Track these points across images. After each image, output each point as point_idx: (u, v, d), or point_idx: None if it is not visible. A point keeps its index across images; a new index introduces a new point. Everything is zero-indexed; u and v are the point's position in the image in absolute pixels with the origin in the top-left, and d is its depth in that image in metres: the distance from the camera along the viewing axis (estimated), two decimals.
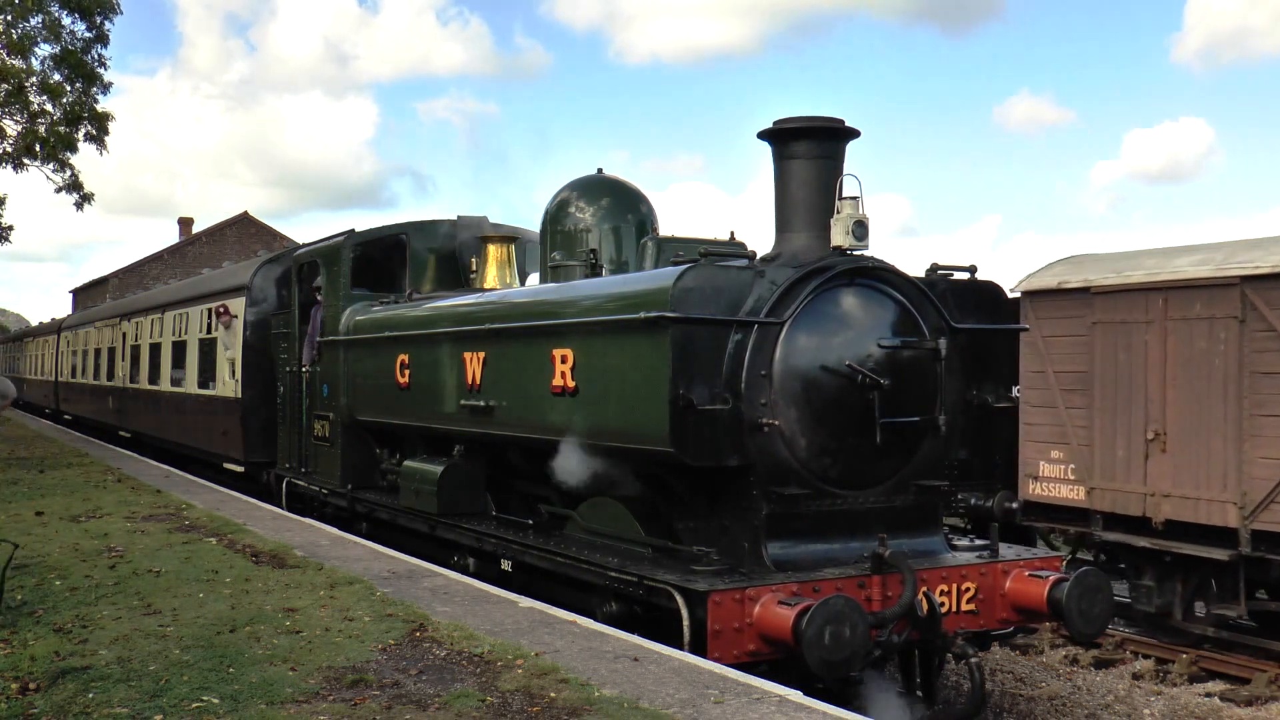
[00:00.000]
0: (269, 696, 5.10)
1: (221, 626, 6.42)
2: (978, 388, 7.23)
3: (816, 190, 6.86)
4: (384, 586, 7.55)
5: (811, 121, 6.84)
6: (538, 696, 5.06)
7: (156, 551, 9.00)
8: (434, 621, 6.51)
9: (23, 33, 19.14)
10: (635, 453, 6.66)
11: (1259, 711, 8.66)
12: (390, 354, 9.62)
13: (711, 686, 5.24)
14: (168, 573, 8.07)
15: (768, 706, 4.95)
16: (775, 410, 6.35)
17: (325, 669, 5.54)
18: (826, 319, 6.56)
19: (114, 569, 8.23)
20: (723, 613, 5.86)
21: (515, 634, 6.24)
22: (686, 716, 4.80)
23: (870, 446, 6.55)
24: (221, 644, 6.03)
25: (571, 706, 4.92)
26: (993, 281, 7.46)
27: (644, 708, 4.88)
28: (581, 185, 8.93)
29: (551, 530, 7.89)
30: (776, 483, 6.41)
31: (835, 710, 5.02)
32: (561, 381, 7.11)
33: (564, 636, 6.22)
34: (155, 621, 6.59)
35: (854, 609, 5.68)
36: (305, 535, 10.05)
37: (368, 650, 5.89)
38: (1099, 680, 9.49)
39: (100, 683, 5.33)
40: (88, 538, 9.73)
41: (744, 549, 6.43)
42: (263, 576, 7.92)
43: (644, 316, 6.23)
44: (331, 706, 4.96)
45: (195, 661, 5.69)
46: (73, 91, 19.88)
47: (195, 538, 9.73)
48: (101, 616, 6.74)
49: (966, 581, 6.66)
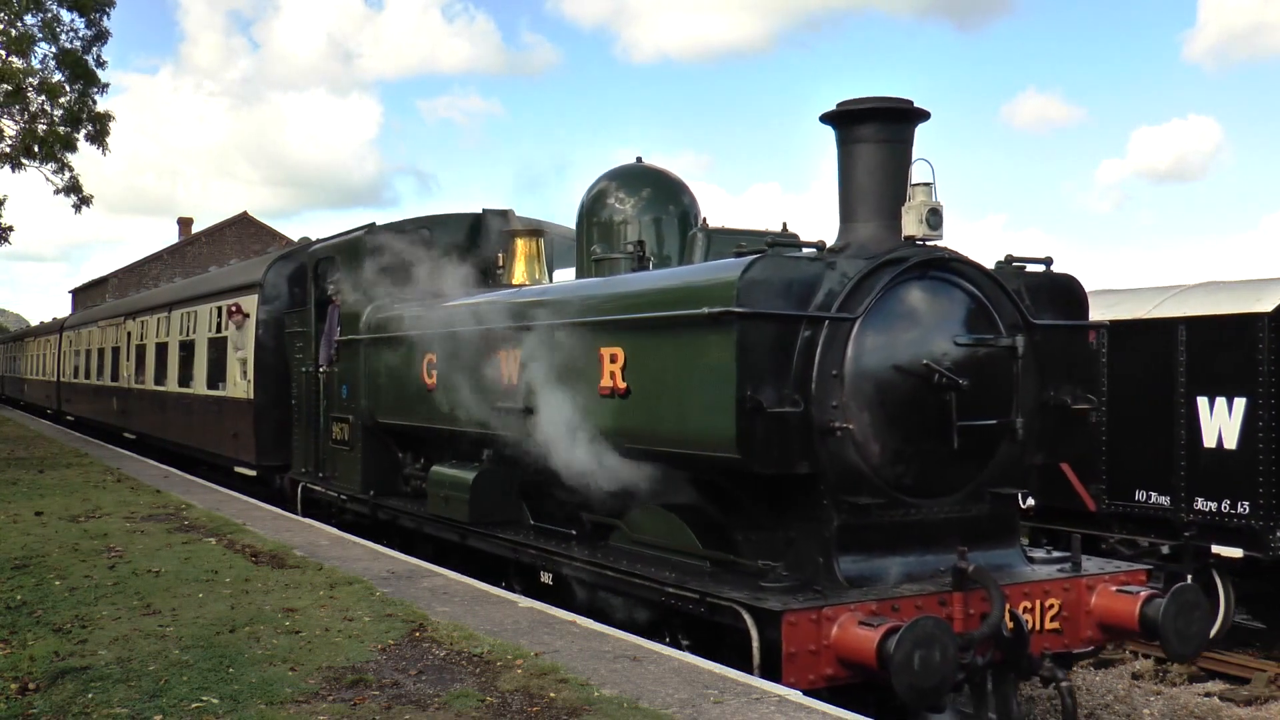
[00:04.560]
0: (269, 696, 5.09)
1: (221, 626, 6.39)
2: (1054, 388, 6.74)
3: (885, 176, 6.39)
4: (383, 586, 7.53)
5: (878, 102, 6.36)
6: (537, 696, 5.04)
7: (156, 552, 8.97)
8: (433, 621, 6.48)
9: (21, 31, 18.87)
10: (694, 459, 6.17)
11: (1259, 711, 8.52)
12: (416, 353, 9.13)
13: (711, 686, 5.19)
14: (167, 573, 8.04)
15: (767, 706, 4.90)
16: (847, 413, 5.87)
17: (325, 669, 5.52)
18: (899, 314, 6.08)
19: (113, 569, 8.20)
20: (798, 634, 5.38)
21: (515, 634, 6.20)
22: (686, 716, 4.76)
23: (946, 452, 6.07)
24: (221, 644, 6.00)
25: (571, 706, 4.90)
26: (1069, 275, 6.97)
27: (644, 708, 4.86)
28: (620, 175, 8.46)
29: (595, 541, 7.39)
30: (847, 491, 5.93)
31: (835, 710, 4.94)
32: (610, 382, 6.62)
33: (564, 636, 6.17)
34: (155, 621, 6.56)
35: (944, 631, 5.20)
36: (305, 535, 10.02)
37: (367, 650, 5.86)
38: (1099, 680, 9.36)
39: (100, 683, 5.31)
40: (87, 538, 9.69)
41: (814, 563, 5.95)
42: (262, 576, 7.90)
43: (708, 312, 5.74)
44: (331, 706, 4.94)
45: (195, 661, 5.67)
46: (72, 91, 19.67)
47: (195, 538, 9.70)
48: (101, 616, 6.70)
49: (1050, 598, 6.18)
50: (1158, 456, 9.30)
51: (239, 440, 13.92)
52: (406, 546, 9.48)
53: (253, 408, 13.35)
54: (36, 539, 9.65)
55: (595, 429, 6.74)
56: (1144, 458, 9.41)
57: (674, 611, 6.33)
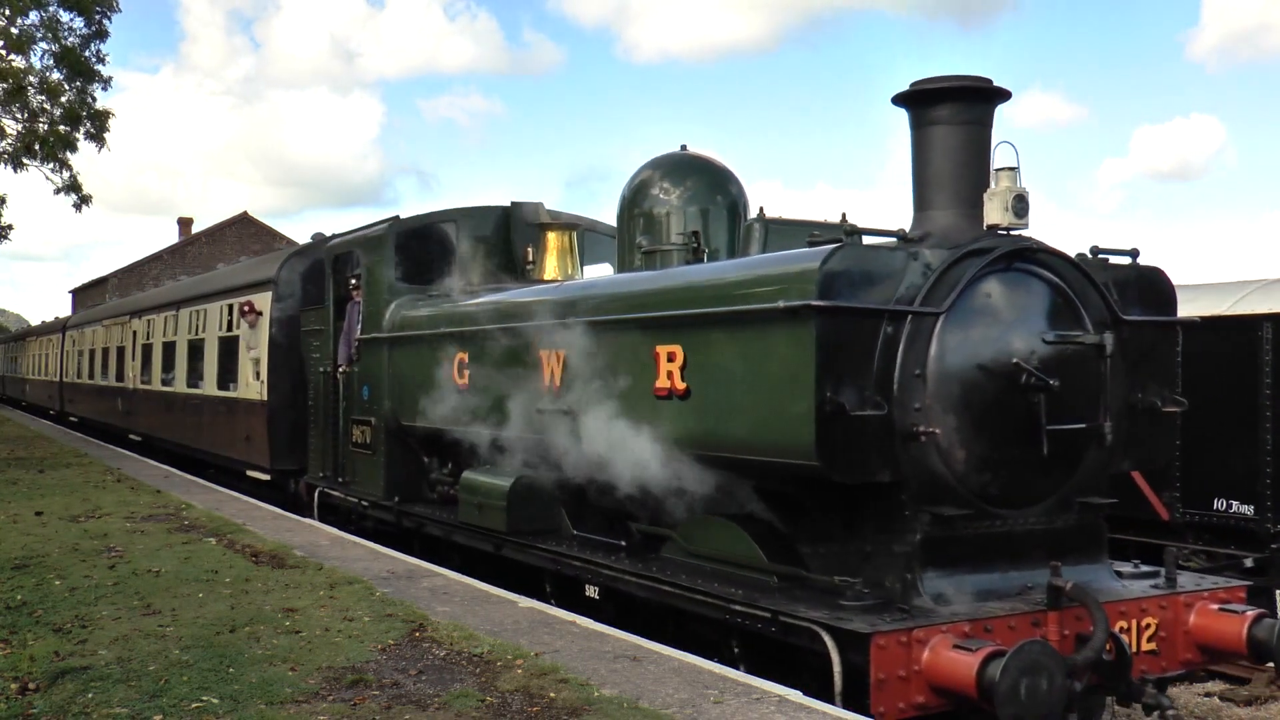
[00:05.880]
0: (269, 696, 5.06)
1: (221, 626, 6.37)
2: (1141, 389, 6.27)
3: (965, 160, 5.93)
4: (383, 586, 7.50)
5: (955, 80, 5.89)
6: (537, 696, 5.01)
7: (156, 551, 8.94)
8: (433, 621, 6.45)
9: (21, 30, 18.61)
10: (764, 466, 5.70)
11: (1259, 711, 8.26)
12: (447, 352, 8.65)
13: (711, 686, 5.15)
14: (167, 573, 8.00)
15: (767, 706, 4.86)
16: (930, 416, 5.40)
17: (325, 669, 5.49)
18: (983, 309, 5.62)
19: (113, 569, 8.17)
20: (888, 658, 4.91)
21: (515, 634, 6.18)
22: (686, 716, 4.73)
23: (1035, 458, 5.61)
24: (221, 644, 5.98)
25: (571, 706, 4.86)
26: (1156, 267, 6.50)
27: (644, 708, 4.83)
28: (664, 164, 7.97)
29: (645, 553, 6.90)
30: (930, 501, 5.46)
31: (835, 710, 4.88)
32: (668, 383, 6.15)
33: (564, 636, 6.15)
34: (155, 621, 6.53)
35: (1051, 656, 4.75)
36: (305, 535, 9.97)
37: (367, 650, 5.84)
38: None
39: (100, 683, 5.29)
40: (87, 538, 9.65)
41: (894, 579, 5.47)
42: (262, 576, 7.86)
43: (784, 306, 5.26)
44: (331, 706, 4.92)
45: (195, 661, 5.64)
46: (71, 89, 19.41)
47: (195, 538, 9.66)
48: (101, 616, 6.68)
49: (1146, 617, 5.71)
50: (1240, 462, 8.80)
51: (251, 443, 13.44)
52: (431, 555, 9.01)
53: (266, 409, 12.87)
54: (36, 539, 9.60)
55: (649, 433, 6.26)
56: (1224, 464, 8.91)
57: (732, 629, 5.87)
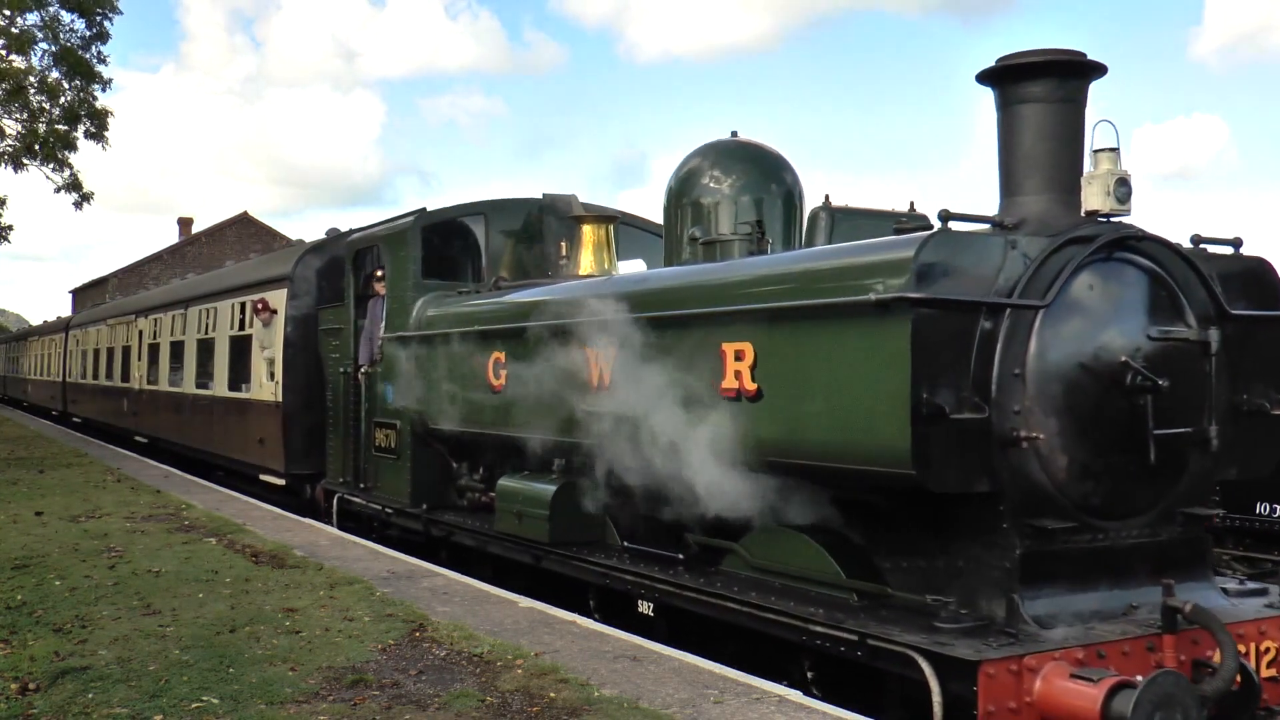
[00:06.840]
0: (269, 696, 5.05)
1: (221, 627, 6.36)
2: (1246, 390, 5.78)
3: (1059, 141, 5.43)
4: (384, 586, 7.49)
5: (1047, 55, 5.40)
6: (537, 696, 5.00)
7: (156, 552, 8.92)
8: (434, 621, 6.44)
9: (22, 30, 18.32)
10: (846, 474, 5.20)
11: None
12: (480, 352, 8.15)
13: (711, 686, 5.13)
14: (167, 573, 7.99)
15: (767, 706, 4.84)
16: (1031, 420, 4.91)
17: (325, 669, 5.49)
18: (1083, 302, 5.13)
19: (113, 569, 8.16)
20: (997, 688, 4.42)
21: (515, 634, 6.17)
22: (686, 716, 4.71)
23: (1141, 466, 5.12)
24: (221, 644, 5.98)
25: (571, 706, 4.85)
26: (1262, 258, 6.01)
27: (644, 708, 4.81)
28: (714, 151, 7.50)
29: (704, 566, 6.41)
30: (1031, 513, 4.97)
31: (835, 710, 4.84)
32: (736, 383, 5.65)
33: (564, 636, 6.15)
34: (155, 622, 6.52)
35: (1186, 690, 4.26)
36: (305, 535, 9.96)
37: (367, 650, 5.83)
38: None
39: (100, 683, 5.29)
40: (87, 538, 9.63)
41: (993, 599, 4.98)
42: (262, 577, 7.85)
43: (876, 298, 4.78)
44: (331, 707, 4.91)
45: (195, 661, 5.64)
46: (71, 89, 19.15)
47: (195, 538, 9.64)
48: (101, 616, 6.67)
49: (1266, 640, 5.21)
50: None
51: (265, 446, 12.94)
52: (461, 567, 8.53)
53: (281, 411, 12.37)
54: (37, 539, 9.56)
55: (714, 437, 5.76)
56: None
57: (805, 651, 5.39)
